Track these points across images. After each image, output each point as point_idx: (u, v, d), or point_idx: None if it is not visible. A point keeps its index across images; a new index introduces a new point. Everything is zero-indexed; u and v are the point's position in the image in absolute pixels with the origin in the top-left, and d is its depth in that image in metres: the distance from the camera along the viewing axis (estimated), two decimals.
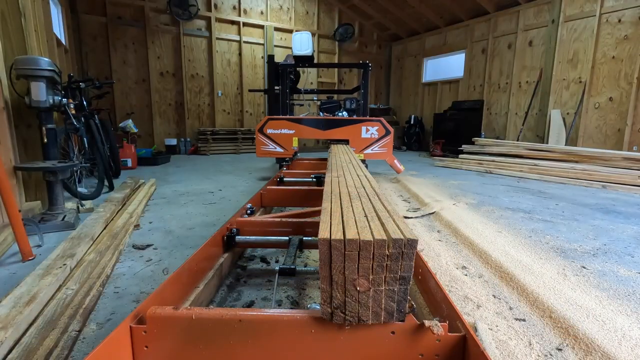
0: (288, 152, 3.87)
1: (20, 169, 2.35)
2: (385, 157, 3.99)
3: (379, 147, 3.95)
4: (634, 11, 5.06)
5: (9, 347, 1.07)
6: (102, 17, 6.31)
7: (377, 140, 3.93)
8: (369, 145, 3.95)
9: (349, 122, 3.93)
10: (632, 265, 1.80)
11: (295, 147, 3.89)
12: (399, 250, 0.75)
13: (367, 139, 3.90)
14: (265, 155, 3.90)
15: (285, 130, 3.84)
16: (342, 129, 3.92)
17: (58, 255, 1.72)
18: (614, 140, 5.38)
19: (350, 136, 3.91)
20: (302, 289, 1.52)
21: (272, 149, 3.89)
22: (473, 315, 1.32)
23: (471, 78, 7.62)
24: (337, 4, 8.69)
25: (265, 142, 3.87)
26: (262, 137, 3.85)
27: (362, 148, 3.94)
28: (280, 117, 3.90)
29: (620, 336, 1.19)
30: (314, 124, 3.92)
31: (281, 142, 3.88)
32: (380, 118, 3.92)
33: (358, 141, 3.92)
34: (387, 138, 3.94)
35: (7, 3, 2.40)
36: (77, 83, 3.37)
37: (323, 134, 3.92)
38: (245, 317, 0.85)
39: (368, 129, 3.87)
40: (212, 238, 1.49)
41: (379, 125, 3.88)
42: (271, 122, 3.86)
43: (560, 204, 3.18)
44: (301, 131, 3.87)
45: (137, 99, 6.84)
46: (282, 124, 3.86)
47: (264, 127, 3.85)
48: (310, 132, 3.90)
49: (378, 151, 3.96)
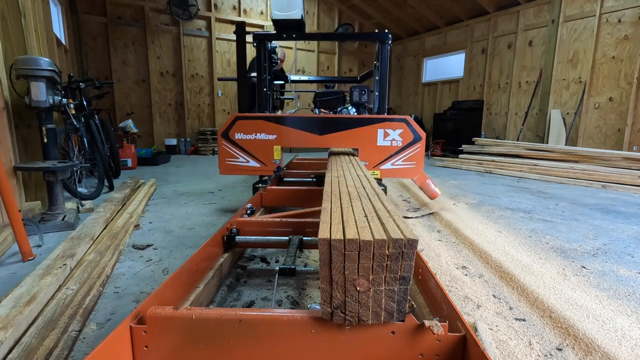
0: (267, 167, 2.50)
1: (20, 169, 2.35)
2: (413, 175, 2.54)
3: (403, 160, 2.51)
4: (634, 11, 5.06)
5: (9, 347, 1.07)
6: (102, 17, 6.31)
7: (402, 150, 2.49)
8: (389, 157, 2.52)
9: (358, 123, 2.50)
10: (632, 265, 1.80)
11: (277, 160, 2.50)
12: (399, 250, 0.75)
13: (385, 147, 2.49)
14: (233, 172, 2.52)
15: (263, 135, 2.47)
16: (348, 133, 2.49)
17: (58, 255, 1.72)
18: (614, 140, 5.38)
19: (360, 143, 2.50)
20: (302, 289, 1.52)
21: (242, 163, 2.50)
22: (473, 315, 1.32)
23: (471, 78, 7.62)
24: (337, 4, 8.69)
25: (233, 152, 2.48)
26: (227, 144, 2.47)
27: (377, 162, 2.53)
28: (254, 116, 2.50)
29: (620, 336, 1.19)
30: (305, 126, 2.50)
31: (256, 152, 2.49)
32: (405, 117, 2.48)
33: (371, 151, 2.49)
34: (416, 146, 2.49)
35: (7, 3, 2.40)
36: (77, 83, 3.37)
37: (318, 140, 2.50)
38: (245, 317, 0.85)
39: (387, 132, 2.46)
40: (212, 238, 1.49)
41: (403, 128, 2.47)
42: (241, 122, 2.46)
43: (560, 204, 3.18)
44: (286, 136, 2.49)
45: (137, 99, 6.84)
46: (257, 126, 2.47)
47: (230, 131, 2.46)
48: (299, 137, 2.50)
49: (402, 166, 2.53)
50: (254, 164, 2.51)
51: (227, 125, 2.48)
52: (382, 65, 2.76)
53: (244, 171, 2.51)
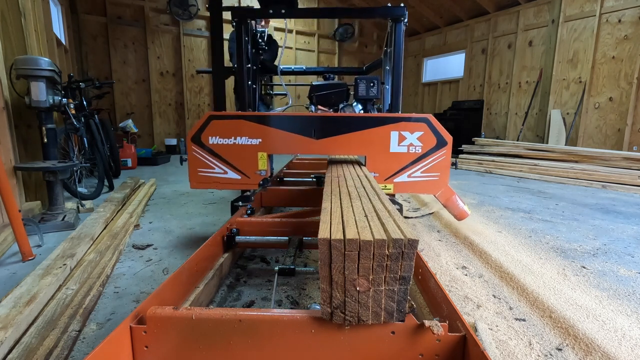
0: (249, 179, 1.94)
1: (20, 169, 2.35)
2: (436, 189, 1.97)
3: (423, 170, 1.95)
4: (634, 11, 5.05)
5: (9, 347, 1.07)
6: (102, 17, 6.31)
7: (421, 158, 1.93)
8: (405, 167, 1.96)
9: (366, 124, 1.93)
10: (632, 265, 1.80)
11: (263, 171, 1.93)
12: (399, 250, 0.75)
13: (400, 155, 1.94)
14: (207, 185, 1.96)
15: (244, 139, 1.94)
16: (352, 137, 1.92)
17: (58, 255, 1.72)
18: (614, 140, 5.38)
19: (367, 150, 1.93)
20: (302, 288, 1.52)
21: (218, 174, 1.96)
22: (473, 315, 1.32)
23: (471, 78, 7.62)
24: (337, 4, 8.69)
25: (206, 160, 1.95)
26: (199, 151, 1.93)
27: (390, 173, 1.96)
28: (233, 115, 1.95)
29: (620, 336, 1.19)
30: (298, 127, 1.93)
31: (236, 160, 1.95)
32: (426, 115, 1.92)
33: (383, 159, 1.93)
34: (440, 153, 1.92)
35: (7, 3, 2.40)
36: (77, 83, 3.37)
37: (315, 145, 1.95)
38: (245, 317, 0.85)
39: (403, 135, 1.93)
40: (212, 238, 1.49)
41: (424, 129, 1.92)
42: (216, 123, 1.93)
43: (560, 204, 3.18)
44: (273, 140, 1.93)
45: (137, 99, 6.84)
46: (236, 128, 1.93)
47: (203, 133, 1.92)
48: (290, 141, 1.94)
49: (422, 178, 1.98)
50: (233, 176, 1.93)
51: (198, 127, 1.89)
52: (396, 50, 2.12)
53: (221, 185, 1.93)
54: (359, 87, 2.43)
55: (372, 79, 2.45)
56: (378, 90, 2.43)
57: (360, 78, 2.45)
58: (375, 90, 2.44)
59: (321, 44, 8.66)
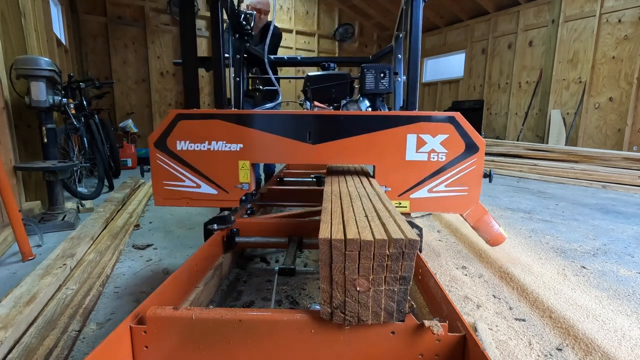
0: (228, 195, 1.56)
1: (20, 169, 2.35)
2: (464, 207, 1.56)
3: (448, 183, 1.54)
4: (634, 11, 5.05)
5: (9, 347, 1.07)
6: (102, 17, 6.31)
7: (446, 168, 1.52)
8: (425, 179, 1.54)
9: (375, 124, 1.51)
10: (632, 265, 1.80)
11: (246, 184, 1.55)
12: (400, 250, 0.75)
13: (419, 163, 1.53)
14: (176, 202, 1.58)
15: (221, 143, 1.54)
16: (358, 141, 1.51)
17: (58, 255, 1.72)
18: (614, 140, 5.38)
19: (377, 157, 1.53)
20: (302, 288, 1.52)
21: (190, 188, 1.56)
22: (473, 315, 1.32)
23: (471, 78, 7.62)
24: (337, 4, 8.69)
25: (173, 170, 1.56)
26: (165, 159, 1.55)
27: (405, 187, 1.55)
28: (206, 113, 1.54)
29: (620, 336, 1.19)
30: (289, 129, 1.52)
31: (211, 171, 1.56)
32: (452, 113, 1.50)
33: (396, 170, 1.53)
34: (469, 161, 1.51)
35: (7, 3, 2.40)
36: (77, 83, 3.37)
37: (310, 152, 1.53)
38: (245, 317, 0.85)
39: (423, 139, 1.51)
40: (212, 238, 1.49)
41: (449, 131, 1.49)
42: (186, 124, 1.53)
43: (560, 204, 3.18)
44: (258, 145, 1.53)
45: (137, 99, 6.84)
46: (211, 129, 1.53)
47: (169, 137, 1.53)
48: (279, 147, 1.53)
49: (446, 193, 1.56)
50: (208, 190, 1.54)
51: (163, 129, 1.50)
52: (412, 32, 1.67)
53: (193, 201, 1.55)
54: (367, 79, 1.93)
55: (383, 68, 1.95)
56: (391, 83, 1.96)
57: (368, 67, 1.93)
58: (387, 83, 1.94)
59: (321, 44, 8.66)
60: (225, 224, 1.63)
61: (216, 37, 1.72)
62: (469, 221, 1.59)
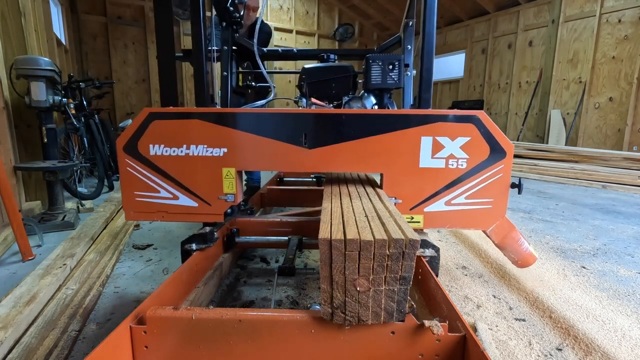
0: (210, 207, 1.35)
1: (20, 169, 2.35)
2: (488, 223, 1.33)
3: (468, 195, 1.30)
4: (634, 11, 5.05)
5: (9, 346, 1.07)
6: (102, 17, 6.31)
7: (467, 177, 1.29)
8: (442, 189, 1.30)
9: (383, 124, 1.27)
10: (632, 265, 1.80)
11: (231, 196, 1.32)
12: (400, 250, 0.75)
13: (434, 171, 1.29)
14: (150, 215, 1.36)
15: (202, 148, 1.30)
16: (362, 145, 1.28)
17: (58, 255, 1.72)
18: (614, 140, 5.38)
19: (384, 164, 1.29)
20: (302, 288, 1.52)
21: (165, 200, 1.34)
22: (473, 315, 1.32)
23: (471, 78, 7.62)
24: (337, 4, 8.69)
25: (146, 179, 1.33)
26: (136, 165, 1.32)
27: (418, 199, 1.31)
28: (183, 111, 1.30)
29: (620, 336, 1.19)
30: (282, 130, 1.29)
31: (190, 180, 1.33)
32: (475, 112, 1.25)
33: (408, 178, 1.30)
34: (495, 169, 1.28)
35: (7, 3, 2.40)
36: (77, 83, 3.37)
37: (306, 158, 1.29)
38: (245, 317, 0.85)
39: (439, 142, 1.27)
40: None
41: (471, 133, 1.26)
42: (160, 125, 1.29)
43: (560, 204, 3.18)
44: (245, 150, 1.29)
45: (137, 99, 6.83)
46: (189, 130, 1.29)
47: (141, 140, 1.30)
48: (270, 152, 1.30)
49: (467, 206, 1.31)
50: (187, 202, 1.33)
51: (133, 130, 1.29)
52: (427, 13, 1.43)
53: (170, 215, 1.34)
54: (372, 71, 1.67)
55: (392, 58, 1.67)
56: (401, 76, 1.69)
57: (374, 57, 1.67)
58: (397, 76, 1.68)
59: (321, 44, 8.66)
60: (205, 242, 1.37)
61: (196, 22, 1.46)
62: (494, 239, 1.37)
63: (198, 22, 1.45)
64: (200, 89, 1.50)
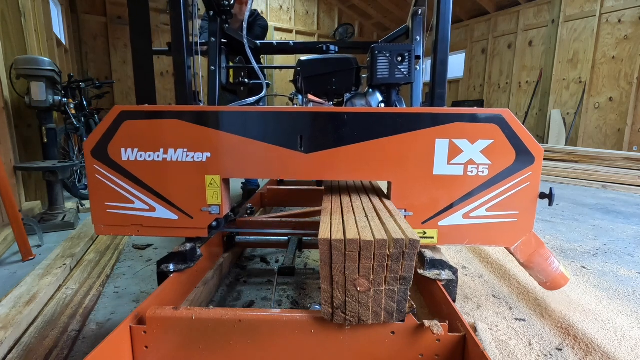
0: (192, 220, 1.16)
1: (20, 169, 2.35)
2: (513, 239, 1.15)
3: (490, 207, 1.12)
4: (634, 11, 5.05)
5: (9, 346, 1.07)
6: (102, 17, 6.31)
7: (488, 186, 1.10)
8: (460, 200, 1.12)
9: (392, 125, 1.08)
10: (632, 265, 1.80)
11: (215, 207, 1.15)
12: (400, 250, 0.75)
13: (451, 179, 1.10)
14: (124, 229, 1.17)
15: (181, 152, 1.11)
16: (367, 148, 1.10)
17: (58, 255, 1.72)
18: (614, 140, 5.38)
19: (393, 171, 1.11)
20: (302, 289, 1.52)
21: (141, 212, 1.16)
22: (473, 315, 1.32)
23: (471, 78, 7.62)
24: (337, 4, 8.69)
25: (119, 188, 1.14)
26: (106, 172, 1.13)
27: (432, 211, 1.13)
28: (159, 110, 1.11)
29: (620, 336, 1.19)
30: (274, 131, 1.11)
31: (168, 189, 1.14)
32: (499, 111, 1.06)
33: (420, 187, 1.12)
34: (521, 177, 1.09)
35: (7, 3, 2.40)
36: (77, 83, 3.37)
37: (302, 163, 1.11)
38: (245, 317, 0.85)
39: (457, 146, 1.08)
40: (212, 238, 1.49)
41: (495, 135, 1.07)
42: (132, 125, 1.10)
43: (560, 204, 3.18)
44: (232, 155, 1.11)
45: None
46: (167, 131, 1.11)
47: (111, 143, 1.12)
48: (260, 157, 1.11)
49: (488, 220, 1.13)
50: (166, 215, 1.16)
51: (102, 132, 1.12)
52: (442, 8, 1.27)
53: (146, 229, 1.18)
54: (379, 64, 1.46)
55: (402, 49, 1.44)
56: (411, 69, 1.48)
57: (380, 48, 1.45)
58: (406, 69, 1.46)
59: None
60: (186, 262, 1.18)
61: (176, 9, 1.30)
62: (519, 257, 1.20)
63: (178, 8, 1.27)
64: (181, 85, 1.34)
